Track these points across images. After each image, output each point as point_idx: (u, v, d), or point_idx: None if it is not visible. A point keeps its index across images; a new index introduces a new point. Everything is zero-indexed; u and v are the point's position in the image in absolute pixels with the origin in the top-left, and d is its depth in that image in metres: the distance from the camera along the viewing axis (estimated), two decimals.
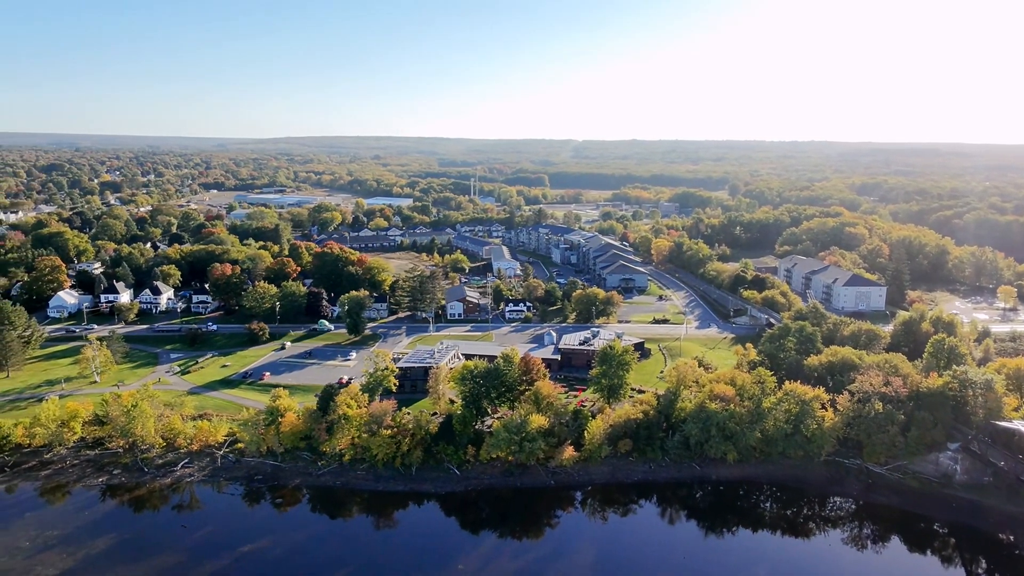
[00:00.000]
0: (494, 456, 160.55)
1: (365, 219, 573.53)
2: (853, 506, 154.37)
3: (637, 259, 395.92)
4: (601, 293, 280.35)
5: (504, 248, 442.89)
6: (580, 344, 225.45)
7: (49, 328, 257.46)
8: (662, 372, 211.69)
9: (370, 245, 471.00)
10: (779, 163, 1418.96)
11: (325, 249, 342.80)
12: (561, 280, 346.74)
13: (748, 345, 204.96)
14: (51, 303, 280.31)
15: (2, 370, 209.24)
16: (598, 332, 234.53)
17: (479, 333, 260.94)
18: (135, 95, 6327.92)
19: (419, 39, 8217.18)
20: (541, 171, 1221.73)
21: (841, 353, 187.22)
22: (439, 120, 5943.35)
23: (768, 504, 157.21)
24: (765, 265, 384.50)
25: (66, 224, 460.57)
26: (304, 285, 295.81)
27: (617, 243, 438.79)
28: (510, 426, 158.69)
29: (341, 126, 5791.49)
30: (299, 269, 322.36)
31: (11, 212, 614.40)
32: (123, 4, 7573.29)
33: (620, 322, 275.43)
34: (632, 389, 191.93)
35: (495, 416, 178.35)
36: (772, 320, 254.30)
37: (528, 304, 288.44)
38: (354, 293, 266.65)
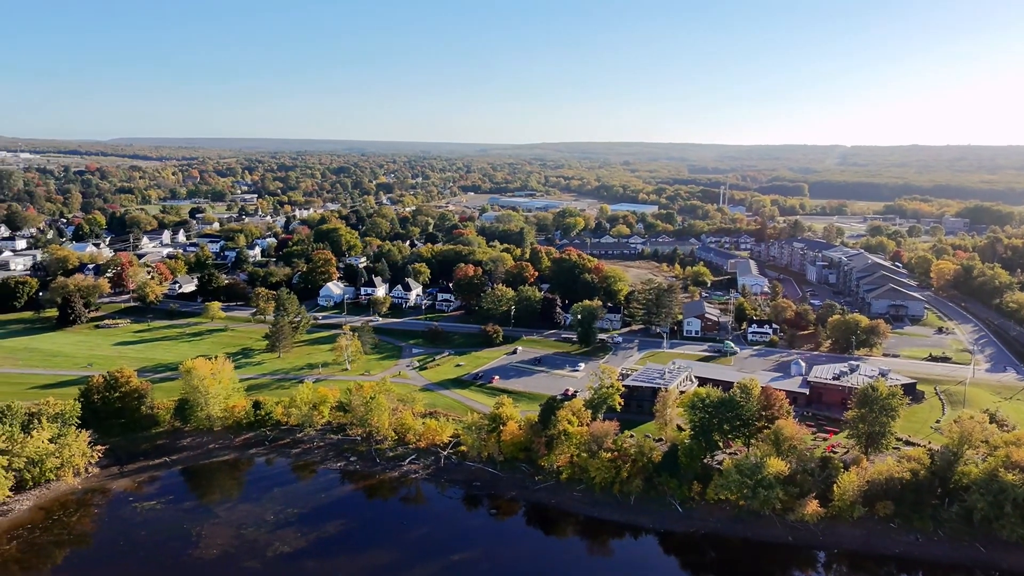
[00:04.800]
0: (722, 497, 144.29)
1: (608, 225, 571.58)
2: None
3: (912, 283, 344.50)
4: (864, 320, 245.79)
5: (752, 262, 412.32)
6: (834, 378, 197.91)
7: (316, 315, 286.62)
8: (938, 423, 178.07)
9: (610, 252, 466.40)
10: None
11: (564, 255, 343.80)
12: (815, 302, 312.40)
13: None
14: (321, 292, 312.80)
15: (274, 351, 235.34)
16: (857, 366, 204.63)
17: (716, 354, 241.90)
18: (413, 105, 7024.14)
19: (671, 47, 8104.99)
20: (800, 179, 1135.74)
21: None
22: (691, 125, 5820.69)
23: None
24: None
25: (343, 221, 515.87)
26: (540, 290, 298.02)
27: (887, 263, 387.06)
28: (743, 467, 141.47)
29: (593, 132, 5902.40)
30: (536, 274, 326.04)
31: (303, 209, 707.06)
32: (402, 26, 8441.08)
33: (885, 355, 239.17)
34: (897, 440, 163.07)
35: (727, 452, 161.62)
36: None
37: (774, 326, 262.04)
38: (588, 302, 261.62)
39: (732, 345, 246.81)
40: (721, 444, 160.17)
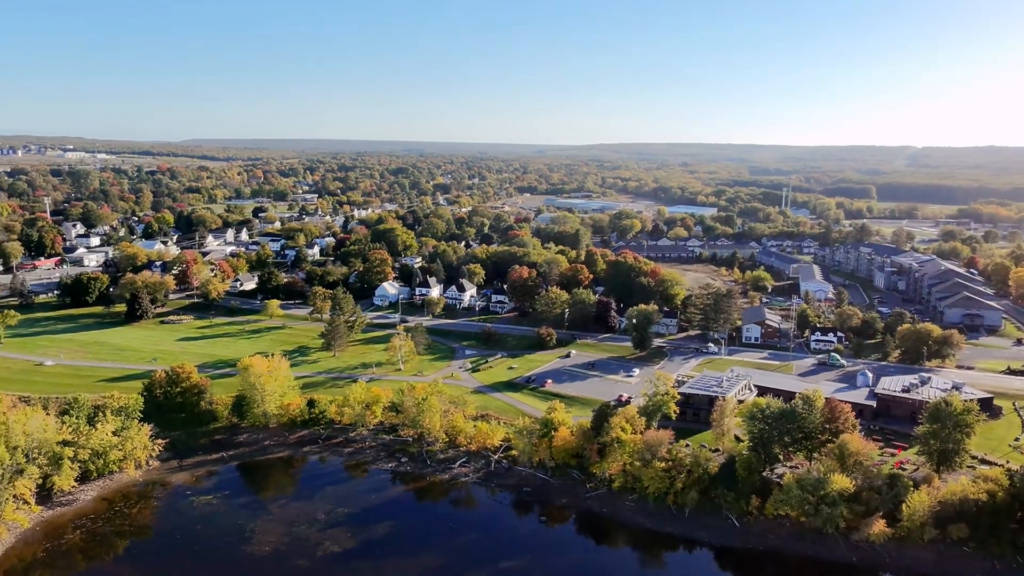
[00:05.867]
0: (782, 513, 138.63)
1: (665, 228, 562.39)
2: None
3: (988, 291, 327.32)
4: (936, 330, 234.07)
5: (815, 267, 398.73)
6: (903, 390, 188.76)
7: (371, 315, 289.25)
8: (1017, 440, 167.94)
9: (667, 255, 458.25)
10: None
11: (619, 257, 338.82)
12: (884, 309, 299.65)
13: None
14: (376, 292, 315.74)
15: (330, 350, 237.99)
16: (928, 378, 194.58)
17: (777, 363, 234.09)
18: (472, 106, 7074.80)
19: (733, 46, 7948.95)
20: (867, 181, 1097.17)
21: None
22: (752, 126, 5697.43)
23: None
24: None
25: (400, 221, 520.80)
26: (595, 293, 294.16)
27: (961, 269, 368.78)
28: (805, 483, 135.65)
29: (651, 133, 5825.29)
30: (592, 277, 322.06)
31: (362, 208, 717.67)
32: (461, 28, 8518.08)
33: (959, 367, 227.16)
34: (972, 458, 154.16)
35: (787, 465, 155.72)
36: None
37: (839, 335, 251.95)
38: (643, 306, 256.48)
39: (839, 358, 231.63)
40: (781, 457, 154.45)
